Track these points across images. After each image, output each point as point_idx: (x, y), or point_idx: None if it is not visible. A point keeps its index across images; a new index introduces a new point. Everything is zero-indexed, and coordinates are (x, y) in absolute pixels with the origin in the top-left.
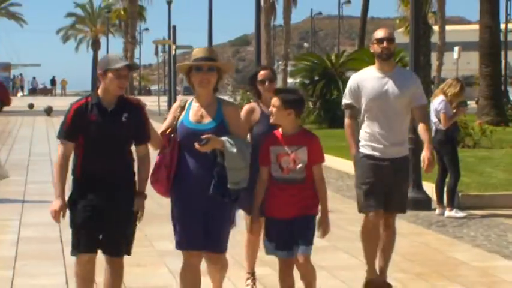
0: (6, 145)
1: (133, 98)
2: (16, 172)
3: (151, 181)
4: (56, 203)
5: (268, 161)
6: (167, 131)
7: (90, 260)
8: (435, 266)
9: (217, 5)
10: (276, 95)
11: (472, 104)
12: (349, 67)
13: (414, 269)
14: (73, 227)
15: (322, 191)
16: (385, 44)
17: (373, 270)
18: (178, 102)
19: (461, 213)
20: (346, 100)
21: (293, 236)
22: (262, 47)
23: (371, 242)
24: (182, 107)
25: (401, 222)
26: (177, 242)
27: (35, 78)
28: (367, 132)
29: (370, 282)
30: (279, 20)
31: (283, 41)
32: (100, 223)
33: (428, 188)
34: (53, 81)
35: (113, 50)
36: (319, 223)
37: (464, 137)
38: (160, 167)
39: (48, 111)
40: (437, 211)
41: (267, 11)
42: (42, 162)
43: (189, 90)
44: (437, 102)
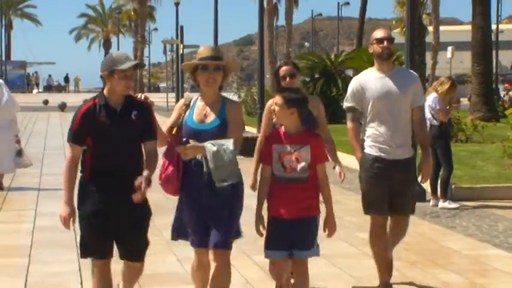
0: (22, 139)
1: (139, 96)
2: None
3: (161, 182)
4: (65, 209)
5: (270, 159)
6: (173, 130)
7: (106, 264)
8: (429, 254)
9: (222, 6)
10: (279, 93)
11: (464, 101)
12: (348, 66)
13: (410, 257)
14: (82, 231)
15: (326, 192)
16: (385, 44)
17: (383, 272)
18: (183, 100)
19: (454, 205)
20: (348, 103)
21: (293, 239)
22: (265, 47)
23: (380, 244)
24: (187, 105)
25: None
26: (176, 232)
27: (50, 75)
28: (373, 133)
29: (384, 285)
30: (281, 21)
31: (285, 40)
32: (112, 226)
33: None
34: (66, 79)
35: (123, 49)
36: (325, 224)
37: (457, 132)
38: (168, 167)
39: (62, 107)
40: (431, 202)
41: (269, 12)
42: (56, 156)
43: (195, 88)
44: (430, 100)
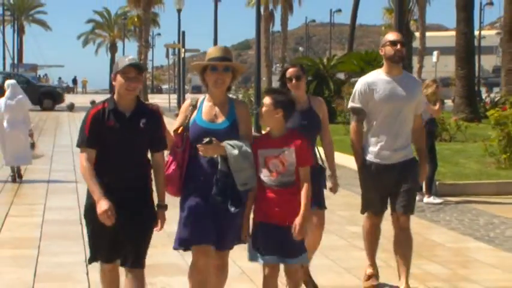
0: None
1: (151, 104)
2: (41, 161)
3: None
4: (102, 205)
5: (256, 165)
6: (179, 130)
7: (113, 268)
8: (414, 246)
9: (222, 12)
10: (267, 94)
11: (448, 103)
12: (339, 69)
13: (389, 246)
14: (90, 237)
15: (306, 194)
16: (398, 46)
17: (374, 265)
18: (189, 101)
19: (438, 200)
20: (354, 104)
21: (283, 246)
22: (261, 51)
23: (372, 240)
24: (194, 106)
25: None
26: (183, 240)
27: (60, 78)
28: (375, 136)
29: (371, 276)
30: (277, 27)
31: (281, 45)
32: (118, 235)
33: None
34: (74, 81)
35: (128, 53)
36: (294, 227)
37: (441, 131)
38: (170, 166)
39: (70, 108)
40: (416, 198)
41: (266, 18)
42: (64, 153)
43: (197, 89)
44: None
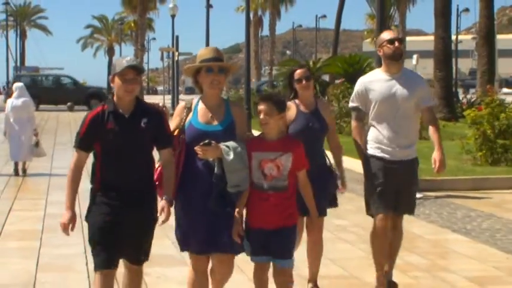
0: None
1: (153, 104)
2: (43, 159)
3: (157, 183)
4: (66, 216)
5: (250, 167)
6: (175, 133)
7: (110, 274)
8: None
9: (213, 18)
10: (266, 101)
11: None
12: (324, 71)
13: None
14: (91, 243)
15: (309, 196)
16: (396, 44)
17: (381, 273)
18: (183, 104)
19: (418, 195)
20: (353, 103)
21: (273, 248)
22: (251, 54)
23: (381, 245)
24: (188, 108)
25: None
26: (182, 243)
27: None
28: (376, 134)
29: (386, 282)
30: (266, 31)
31: (269, 49)
32: (120, 238)
33: None
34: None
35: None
36: (308, 222)
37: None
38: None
39: (70, 108)
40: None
41: (255, 23)
42: (65, 150)
43: (190, 90)
44: None
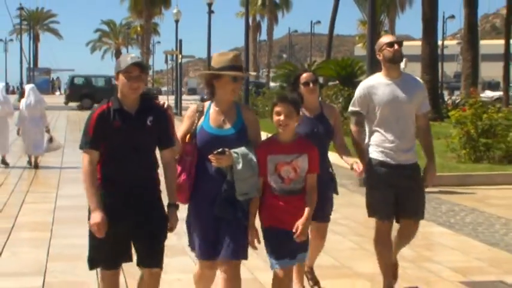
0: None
1: (163, 103)
2: (54, 154)
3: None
4: (96, 216)
5: (264, 171)
6: (187, 138)
7: (115, 274)
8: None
9: (214, 23)
10: (286, 102)
11: None
12: (318, 74)
13: (368, 233)
14: (92, 242)
15: (312, 201)
16: (396, 47)
17: (388, 276)
18: (195, 106)
19: None
20: (353, 108)
21: (294, 247)
22: (250, 58)
23: (384, 249)
24: (200, 112)
25: (357, 196)
26: (193, 247)
27: None
28: (378, 139)
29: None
30: (263, 36)
31: (267, 52)
32: (126, 239)
33: None
34: None
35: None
36: (296, 229)
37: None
38: (180, 175)
39: (80, 107)
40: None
41: (254, 28)
42: (74, 147)
43: (192, 91)
44: None
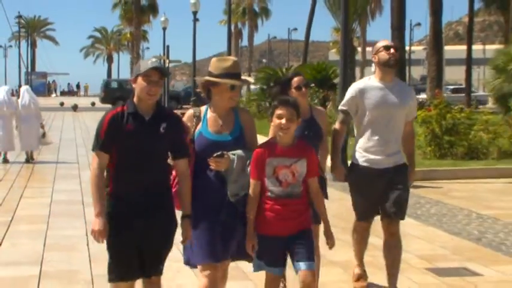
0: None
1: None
2: (50, 152)
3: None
4: (97, 223)
5: (263, 174)
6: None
7: (131, 286)
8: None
9: (199, 30)
10: (287, 105)
11: None
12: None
13: (340, 224)
14: (109, 251)
15: (322, 204)
16: (392, 51)
17: (362, 265)
18: (192, 112)
19: None
20: (343, 107)
21: (294, 252)
22: None
23: (362, 242)
24: (197, 117)
25: (332, 190)
26: (195, 256)
27: (70, 84)
28: (365, 142)
29: (360, 277)
30: (245, 42)
31: (248, 57)
32: (136, 246)
33: None
34: (78, 86)
35: (122, 64)
36: (326, 236)
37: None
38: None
39: (74, 108)
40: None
41: (236, 35)
42: (69, 145)
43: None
44: None
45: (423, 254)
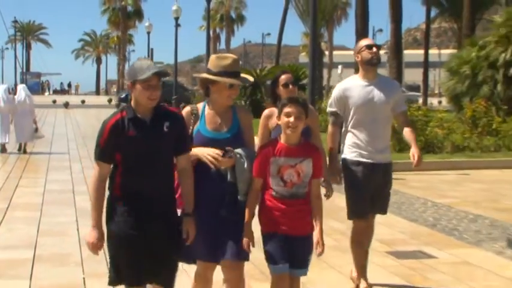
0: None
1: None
2: (43, 145)
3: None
4: (93, 234)
5: (265, 172)
6: None
7: None
8: (324, 210)
9: (181, 34)
10: (296, 104)
11: None
12: (269, 78)
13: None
14: (112, 256)
15: (319, 209)
16: (374, 49)
17: (365, 277)
18: (189, 109)
19: None
20: (331, 108)
21: (292, 255)
22: None
23: (361, 247)
24: (195, 114)
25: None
26: (191, 254)
27: (62, 83)
28: (355, 139)
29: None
30: (222, 45)
31: None
32: (144, 249)
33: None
34: (69, 85)
35: (109, 65)
36: (316, 243)
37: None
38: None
39: (66, 105)
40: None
41: (214, 39)
42: (61, 140)
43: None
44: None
45: (384, 238)
